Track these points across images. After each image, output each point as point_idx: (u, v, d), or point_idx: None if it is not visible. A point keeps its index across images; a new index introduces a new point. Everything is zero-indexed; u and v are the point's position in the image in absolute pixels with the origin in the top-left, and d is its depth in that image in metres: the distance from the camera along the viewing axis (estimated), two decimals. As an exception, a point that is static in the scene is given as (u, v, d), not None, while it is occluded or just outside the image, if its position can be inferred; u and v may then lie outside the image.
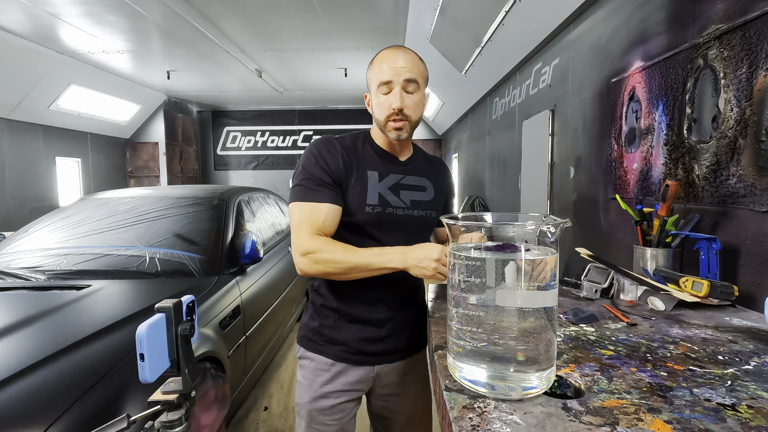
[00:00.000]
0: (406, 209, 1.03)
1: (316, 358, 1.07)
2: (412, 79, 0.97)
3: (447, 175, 1.18)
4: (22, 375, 1.10)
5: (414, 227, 1.05)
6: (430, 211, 1.07)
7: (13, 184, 5.20)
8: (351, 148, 1.04)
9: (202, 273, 1.92)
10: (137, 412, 0.75)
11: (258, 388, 2.53)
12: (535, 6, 2.43)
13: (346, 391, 1.06)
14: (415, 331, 1.13)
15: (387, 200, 1.01)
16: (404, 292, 1.08)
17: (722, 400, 0.55)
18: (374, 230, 1.01)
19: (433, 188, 1.09)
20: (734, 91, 1.13)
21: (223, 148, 9.17)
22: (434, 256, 0.86)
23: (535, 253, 0.58)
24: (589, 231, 2.07)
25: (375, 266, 0.91)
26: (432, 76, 6.06)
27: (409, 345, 1.12)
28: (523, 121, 3.07)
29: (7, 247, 2.11)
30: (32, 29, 4.20)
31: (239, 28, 4.34)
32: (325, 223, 0.96)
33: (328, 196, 0.97)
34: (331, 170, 0.99)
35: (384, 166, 1.04)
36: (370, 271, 0.91)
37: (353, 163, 1.01)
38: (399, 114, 0.97)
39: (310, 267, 0.93)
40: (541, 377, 0.57)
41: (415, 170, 1.08)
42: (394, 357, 1.09)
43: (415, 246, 0.90)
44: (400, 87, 0.97)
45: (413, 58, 1.00)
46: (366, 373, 1.07)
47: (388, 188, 1.03)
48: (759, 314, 0.94)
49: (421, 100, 1.01)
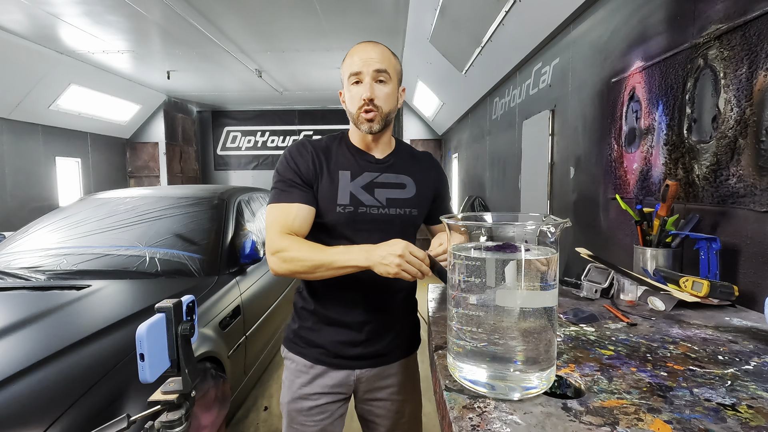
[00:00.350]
0: (381, 208, 1.02)
1: (296, 359, 1.07)
2: (382, 70, 0.97)
3: (435, 170, 1.14)
4: (22, 375, 1.10)
5: (392, 226, 1.03)
6: (410, 209, 1.04)
7: (13, 184, 5.20)
8: (324, 148, 1.04)
9: (202, 273, 1.92)
10: (137, 412, 0.75)
11: (258, 388, 2.53)
12: (535, 6, 2.43)
13: (326, 393, 1.05)
14: (401, 335, 1.10)
15: (359, 199, 1.00)
16: (384, 294, 1.05)
17: (722, 400, 0.55)
18: (347, 230, 1.00)
19: (414, 185, 1.07)
20: (734, 91, 1.13)
21: (223, 148, 9.16)
22: (397, 252, 0.83)
23: (535, 253, 0.58)
24: (589, 231, 2.07)
25: (339, 264, 0.89)
26: (432, 76, 6.01)
27: (393, 349, 1.09)
28: (523, 121, 3.07)
29: (7, 247, 2.11)
30: (32, 29, 4.20)
31: (239, 28, 4.33)
32: (295, 223, 0.97)
33: (298, 197, 0.98)
34: (301, 171, 1.00)
35: (358, 164, 1.03)
36: (335, 269, 0.90)
37: (324, 164, 1.02)
38: (370, 104, 0.97)
39: (279, 266, 0.94)
40: (541, 377, 0.57)
41: (393, 167, 1.06)
42: (375, 362, 1.07)
43: (381, 243, 0.88)
44: (370, 77, 0.97)
45: (384, 51, 1.00)
46: (346, 377, 1.06)
47: (360, 187, 1.01)
48: (759, 314, 0.94)
49: (393, 93, 1.00)
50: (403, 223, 1.04)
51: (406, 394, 1.12)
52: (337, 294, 1.03)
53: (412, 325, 1.16)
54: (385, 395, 1.10)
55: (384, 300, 1.05)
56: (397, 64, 1.03)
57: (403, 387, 1.11)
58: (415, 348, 1.17)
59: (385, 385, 1.09)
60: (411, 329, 1.15)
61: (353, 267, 0.88)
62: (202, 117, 9.09)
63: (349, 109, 1.01)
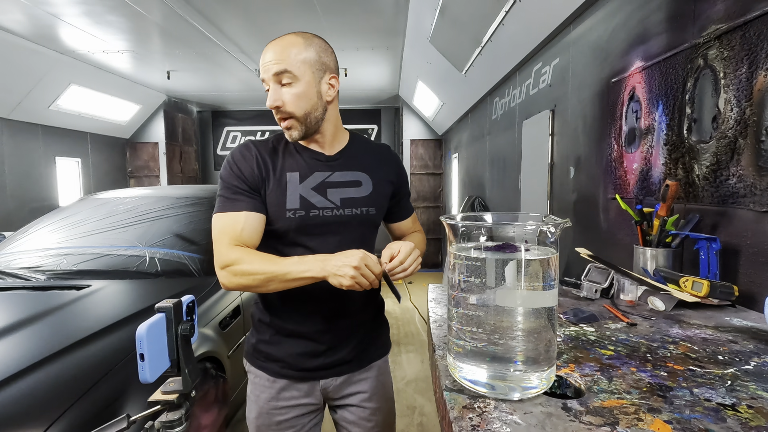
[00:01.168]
0: (335, 209, 0.95)
1: (258, 374, 1.02)
2: (280, 71, 0.88)
3: (393, 163, 1.07)
4: (22, 375, 1.10)
5: (348, 228, 0.97)
6: (367, 207, 0.98)
7: (13, 184, 5.20)
8: (269, 150, 0.97)
9: (202, 273, 1.92)
10: (137, 412, 0.75)
11: (258, 388, 2.53)
12: (535, 6, 2.43)
13: (294, 406, 1.01)
14: (365, 340, 1.05)
15: (310, 202, 0.94)
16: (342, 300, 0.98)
17: (722, 400, 0.55)
18: (300, 237, 0.94)
19: (371, 181, 1.00)
20: (734, 91, 1.13)
21: (223, 148, 9.16)
22: (353, 263, 0.79)
23: (535, 253, 0.58)
24: (589, 231, 2.07)
25: (293, 276, 0.83)
26: (432, 76, 6.01)
27: (358, 355, 1.04)
28: (523, 121, 3.07)
29: (7, 247, 2.11)
30: (32, 29, 4.20)
31: (239, 28, 4.33)
32: (243, 233, 0.90)
33: (246, 204, 0.91)
34: (246, 176, 0.92)
35: (306, 165, 0.96)
36: (289, 281, 0.84)
37: (270, 167, 0.94)
38: (279, 112, 0.91)
39: (229, 280, 0.87)
40: (541, 377, 0.57)
41: (346, 164, 0.99)
42: (340, 370, 1.02)
43: (338, 253, 0.83)
44: (273, 83, 0.90)
45: (284, 47, 0.89)
46: (311, 388, 1.01)
47: (311, 189, 0.95)
48: (759, 314, 0.94)
49: (304, 92, 0.90)
50: (361, 224, 0.98)
51: (378, 402, 1.07)
52: (293, 304, 0.98)
53: (379, 327, 1.10)
54: (355, 401, 1.05)
55: (343, 306, 0.99)
56: (310, 53, 0.90)
57: (374, 393, 1.06)
58: (384, 352, 1.11)
59: (354, 392, 1.05)
60: (377, 332, 1.10)
61: (308, 278, 0.83)
62: (202, 117, 9.09)
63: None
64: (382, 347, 1.11)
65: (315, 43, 0.93)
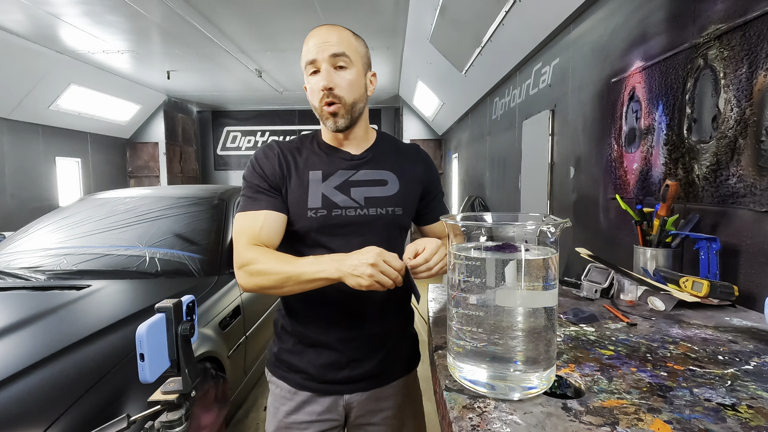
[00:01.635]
0: (359, 209, 0.91)
1: (280, 384, 0.97)
2: (339, 53, 0.85)
3: (422, 163, 1.01)
4: (22, 375, 1.10)
5: (373, 229, 0.92)
6: (393, 207, 0.93)
7: (13, 184, 5.20)
8: (293, 149, 0.94)
9: (202, 273, 1.92)
10: (137, 412, 0.75)
11: (258, 388, 2.53)
12: (535, 6, 2.43)
13: (315, 421, 0.95)
14: (394, 352, 0.98)
15: (333, 201, 0.90)
16: (369, 307, 0.93)
17: (722, 400, 0.55)
18: (322, 237, 0.90)
19: (398, 181, 0.95)
20: (734, 91, 1.13)
21: (223, 148, 9.17)
22: (369, 261, 0.73)
23: (535, 253, 0.58)
24: (589, 231, 2.07)
25: (307, 276, 0.78)
26: (432, 76, 6.01)
27: (386, 370, 0.97)
28: (523, 121, 3.07)
29: (7, 247, 2.11)
30: (32, 29, 4.20)
31: (239, 28, 4.33)
32: (262, 232, 0.87)
33: (266, 203, 0.89)
34: (267, 175, 0.90)
35: (330, 163, 0.93)
36: (304, 282, 0.79)
37: (292, 165, 0.92)
38: (330, 95, 0.86)
39: (245, 281, 0.84)
40: (541, 377, 0.57)
41: (372, 163, 0.95)
42: (366, 384, 0.96)
43: (354, 252, 0.78)
44: (327, 64, 0.85)
45: (342, 32, 0.88)
46: (334, 403, 0.95)
47: (334, 187, 0.91)
48: (759, 314, 0.94)
49: (357, 80, 0.88)
50: (387, 225, 0.93)
51: (405, 419, 1.00)
52: (316, 310, 0.93)
53: (409, 339, 1.04)
54: (379, 419, 0.98)
55: (369, 314, 0.94)
56: (361, 46, 0.91)
57: (401, 411, 1.00)
58: (413, 366, 1.05)
59: (379, 409, 0.98)
60: (407, 345, 1.03)
61: (323, 279, 0.78)
62: (202, 117, 9.10)
63: (312, 103, 0.90)
64: (412, 361, 1.04)
65: (361, 39, 0.93)
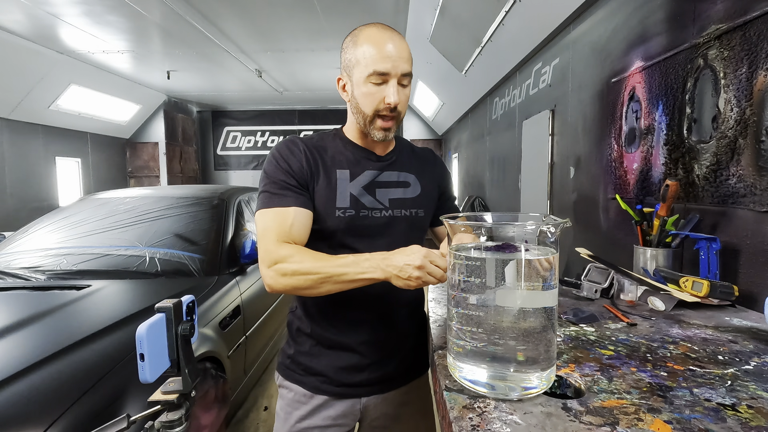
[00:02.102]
0: (384, 210, 0.90)
1: (294, 388, 0.94)
2: (408, 73, 0.85)
3: (438, 166, 1.03)
4: (22, 375, 1.10)
5: (397, 230, 0.91)
6: (416, 209, 0.93)
7: (13, 184, 5.20)
8: (317, 146, 0.92)
9: (202, 273, 1.92)
10: (137, 412, 0.75)
11: (258, 388, 2.53)
12: (535, 6, 2.43)
13: (329, 426, 0.93)
14: (411, 354, 0.98)
15: (361, 202, 0.89)
16: (389, 309, 0.93)
17: (722, 400, 0.55)
18: (348, 238, 0.89)
19: (419, 183, 0.96)
20: (734, 91, 1.13)
21: (223, 148, 9.17)
22: (416, 263, 0.72)
23: (535, 253, 0.58)
24: (589, 231, 2.07)
25: (350, 277, 0.76)
26: (432, 76, 6.01)
27: (403, 371, 0.97)
28: (523, 121, 3.07)
29: (7, 247, 2.11)
30: (32, 29, 4.20)
31: (239, 28, 4.33)
32: (293, 230, 0.84)
33: (294, 200, 0.86)
34: (294, 171, 0.87)
35: (357, 162, 0.92)
36: (345, 283, 0.77)
37: (320, 163, 0.90)
38: (393, 111, 0.85)
39: (276, 281, 0.80)
40: (541, 377, 0.57)
41: (396, 164, 0.95)
42: (383, 387, 0.95)
43: (396, 251, 0.76)
44: (396, 80, 0.83)
45: (406, 45, 0.86)
46: (351, 407, 0.94)
47: (362, 188, 0.90)
48: (759, 314, 0.94)
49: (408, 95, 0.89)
50: (410, 226, 0.93)
51: (418, 420, 1.01)
52: (336, 312, 0.92)
53: (422, 342, 1.03)
54: (393, 423, 0.98)
55: (389, 315, 0.93)
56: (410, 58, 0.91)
57: (415, 413, 1.00)
58: (426, 368, 1.04)
59: (394, 412, 0.97)
60: (421, 347, 1.03)
61: (368, 279, 0.76)
62: (202, 117, 9.10)
63: (360, 107, 0.87)
64: (425, 363, 1.04)
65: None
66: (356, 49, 0.85)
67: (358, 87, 0.86)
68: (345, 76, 0.89)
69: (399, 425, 0.98)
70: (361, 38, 0.85)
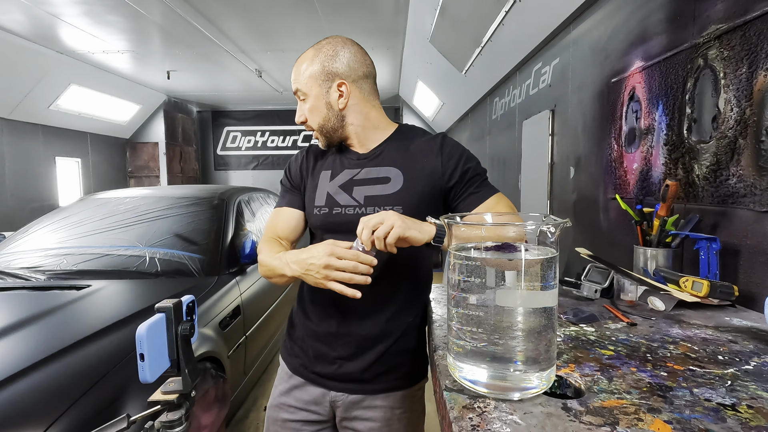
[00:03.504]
0: (357, 207, 0.91)
1: (283, 365, 1.05)
2: (295, 90, 0.95)
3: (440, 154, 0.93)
4: (22, 375, 1.10)
5: None
6: (392, 206, 0.89)
7: (13, 184, 5.20)
8: (317, 151, 1.03)
9: (202, 273, 1.92)
10: (137, 412, 0.75)
11: (258, 388, 2.53)
12: (535, 6, 2.43)
13: (301, 409, 0.98)
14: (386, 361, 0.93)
15: (335, 200, 0.93)
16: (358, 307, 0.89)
17: (722, 400, 0.55)
18: (327, 234, 0.93)
19: (402, 177, 0.91)
20: (734, 91, 1.13)
21: (223, 148, 9.16)
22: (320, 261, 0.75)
23: (535, 253, 0.58)
24: (589, 231, 2.07)
25: (278, 272, 0.86)
26: (432, 76, 6.00)
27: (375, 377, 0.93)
28: (523, 121, 3.07)
29: (7, 247, 2.11)
30: (32, 29, 4.20)
31: (239, 28, 4.33)
32: (278, 227, 0.98)
33: (286, 201, 1.01)
34: (291, 175, 1.02)
35: (339, 163, 0.97)
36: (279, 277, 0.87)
37: (311, 166, 1.01)
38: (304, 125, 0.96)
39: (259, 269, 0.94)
40: (541, 377, 0.57)
41: (377, 160, 0.94)
42: (352, 387, 0.93)
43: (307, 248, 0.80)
44: (298, 100, 0.96)
45: (298, 64, 0.94)
46: (321, 396, 0.96)
47: (339, 186, 0.94)
48: (759, 314, 0.94)
49: (315, 105, 0.92)
50: None
51: None
52: (317, 300, 0.96)
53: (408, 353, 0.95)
54: (364, 428, 0.95)
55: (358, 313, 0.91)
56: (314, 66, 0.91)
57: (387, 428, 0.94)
58: (413, 382, 0.97)
59: (365, 417, 0.95)
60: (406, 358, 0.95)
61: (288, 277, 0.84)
62: (202, 117, 9.09)
63: None
64: (413, 377, 0.97)
65: (322, 53, 0.91)
66: None
67: None
68: None
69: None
70: None
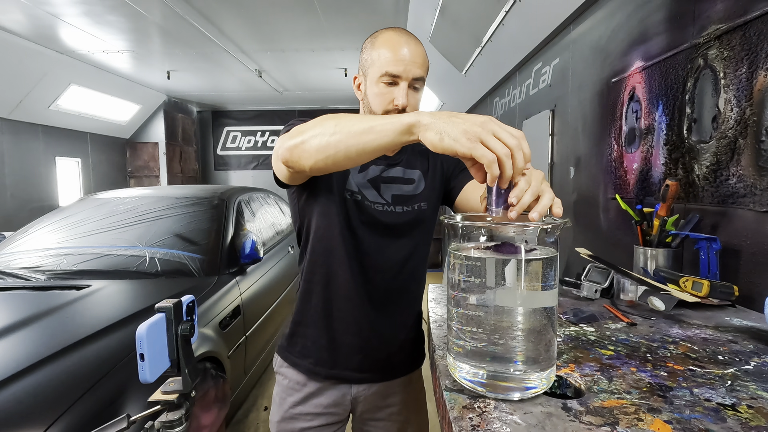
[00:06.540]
0: (386, 205, 0.92)
1: (289, 374, 0.98)
2: (419, 77, 0.86)
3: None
4: (22, 375, 1.10)
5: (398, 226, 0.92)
6: (419, 203, 0.94)
7: (13, 184, 5.20)
8: None
9: (202, 273, 1.92)
10: (137, 412, 0.75)
11: (258, 388, 2.53)
12: (535, 6, 2.43)
13: (321, 414, 0.96)
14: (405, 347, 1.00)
15: (363, 194, 0.91)
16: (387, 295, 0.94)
17: (722, 400, 0.55)
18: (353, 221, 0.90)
19: (423, 179, 0.96)
20: (734, 91, 1.13)
21: (223, 148, 9.16)
22: (482, 120, 0.58)
23: (535, 253, 0.58)
24: (589, 231, 2.07)
25: (374, 130, 0.63)
26: (432, 76, 6.04)
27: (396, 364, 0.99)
28: (523, 121, 3.07)
29: (7, 247, 2.11)
30: (32, 29, 4.20)
31: (239, 28, 4.33)
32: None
33: None
34: None
35: None
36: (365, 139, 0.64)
37: None
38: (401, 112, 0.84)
39: (284, 149, 0.73)
40: (541, 377, 0.57)
41: (402, 163, 0.97)
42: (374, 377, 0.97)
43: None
44: (407, 84, 0.85)
45: (422, 51, 0.88)
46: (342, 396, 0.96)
47: (367, 180, 0.92)
48: (759, 314, 0.94)
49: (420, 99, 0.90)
50: (413, 221, 0.94)
51: (409, 414, 1.02)
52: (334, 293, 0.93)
53: (417, 336, 1.05)
54: (384, 415, 1.00)
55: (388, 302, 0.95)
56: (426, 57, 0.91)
57: (406, 406, 1.01)
58: (418, 364, 1.06)
59: (385, 405, 0.99)
60: (415, 341, 1.04)
61: (387, 136, 0.62)
62: (202, 117, 9.09)
63: (371, 107, 0.90)
64: (418, 358, 1.05)
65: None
66: (373, 51, 0.88)
67: (371, 87, 0.89)
68: (361, 76, 0.93)
69: (389, 418, 1.00)
70: (379, 40, 0.88)
